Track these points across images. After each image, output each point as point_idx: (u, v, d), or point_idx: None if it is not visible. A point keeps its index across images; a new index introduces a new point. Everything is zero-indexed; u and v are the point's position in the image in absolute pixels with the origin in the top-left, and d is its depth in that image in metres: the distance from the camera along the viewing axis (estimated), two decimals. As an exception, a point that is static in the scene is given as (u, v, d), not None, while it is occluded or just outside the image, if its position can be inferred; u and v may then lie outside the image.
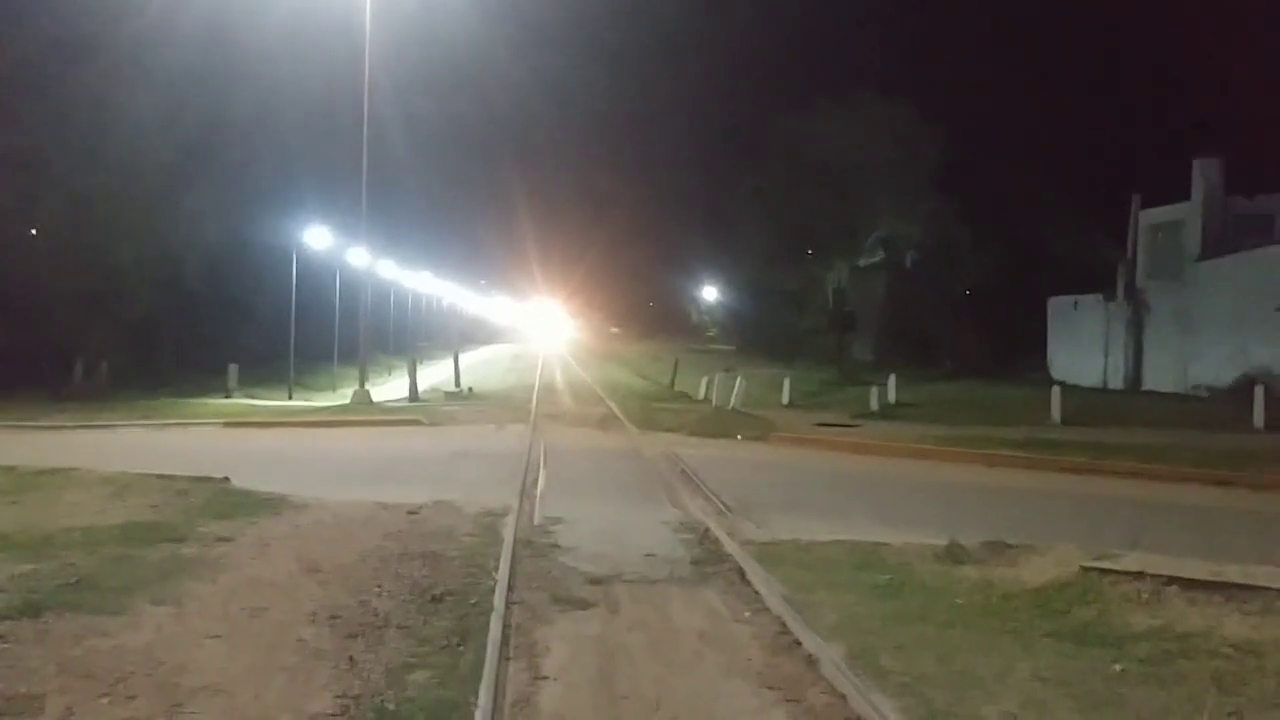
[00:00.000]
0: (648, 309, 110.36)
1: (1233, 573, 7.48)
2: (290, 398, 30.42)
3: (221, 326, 34.26)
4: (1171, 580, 7.32)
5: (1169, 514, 11.96)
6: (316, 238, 35.39)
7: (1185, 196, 33.72)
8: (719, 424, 20.81)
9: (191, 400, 25.89)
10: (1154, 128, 42.81)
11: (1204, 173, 33.02)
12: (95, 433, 19.33)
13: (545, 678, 5.75)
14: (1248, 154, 33.72)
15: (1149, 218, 35.60)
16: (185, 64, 25.97)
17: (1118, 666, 5.98)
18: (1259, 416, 20.38)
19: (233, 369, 29.61)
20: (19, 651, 5.91)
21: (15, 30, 24.90)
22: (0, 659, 5.77)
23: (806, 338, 47.97)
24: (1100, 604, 7.11)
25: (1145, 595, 7.19)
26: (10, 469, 12.43)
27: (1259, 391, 21.12)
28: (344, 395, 29.33)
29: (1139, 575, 7.48)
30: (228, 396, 27.95)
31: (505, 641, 6.24)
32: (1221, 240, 32.58)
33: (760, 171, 48.87)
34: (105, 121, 25.82)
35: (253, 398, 28.12)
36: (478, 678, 5.61)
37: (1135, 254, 36.08)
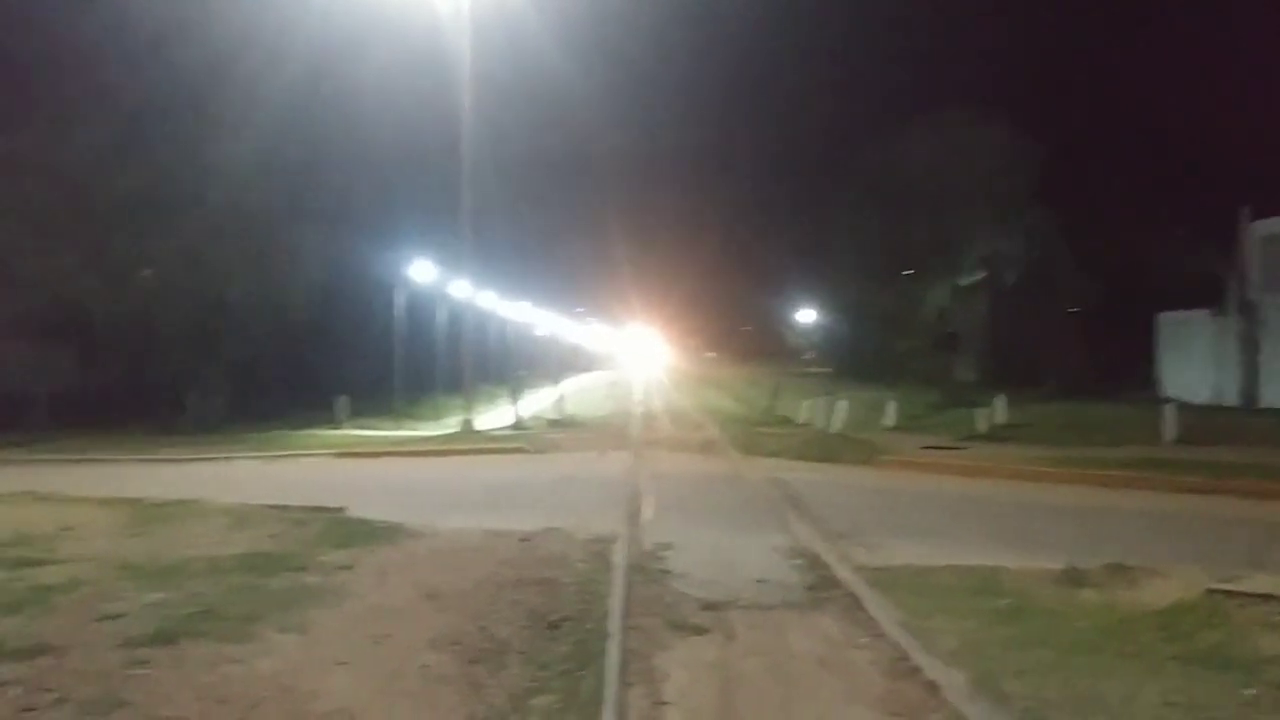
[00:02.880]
0: (742, 333, 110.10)
1: (1370, 594, 7.24)
2: (397, 428, 30.98)
3: (327, 359, 35.03)
4: (1303, 603, 7.12)
5: (1295, 535, 11.58)
6: (420, 271, 36.14)
7: (1298, 207, 32.67)
8: (822, 448, 20.60)
9: (301, 432, 26.47)
10: (1261, 135, 41.50)
11: (1318, 181, 31.96)
12: (210, 465, 19.87)
13: (666, 703, 5.80)
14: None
15: (1260, 229, 34.51)
16: (287, 107, 26.72)
17: (1250, 691, 5.82)
18: (1388, 432, 19.59)
19: (341, 400, 30.23)
20: (159, 677, 6.15)
21: (128, 83, 25.97)
22: (142, 684, 6.01)
23: (907, 359, 47.32)
24: (1228, 627, 6.92)
25: (1276, 618, 7.00)
26: (134, 501, 12.89)
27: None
28: (448, 424, 29.77)
29: (1268, 598, 7.29)
30: (336, 428, 28.51)
31: (624, 667, 6.29)
32: (1338, 250, 31.48)
33: (855, 193, 48.62)
34: (213, 166, 26.72)
35: (361, 428, 28.66)
36: (600, 702, 5.68)
37: (1246, 267, 35.01)
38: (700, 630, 7.25)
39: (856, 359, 56.67)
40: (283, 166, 28.12)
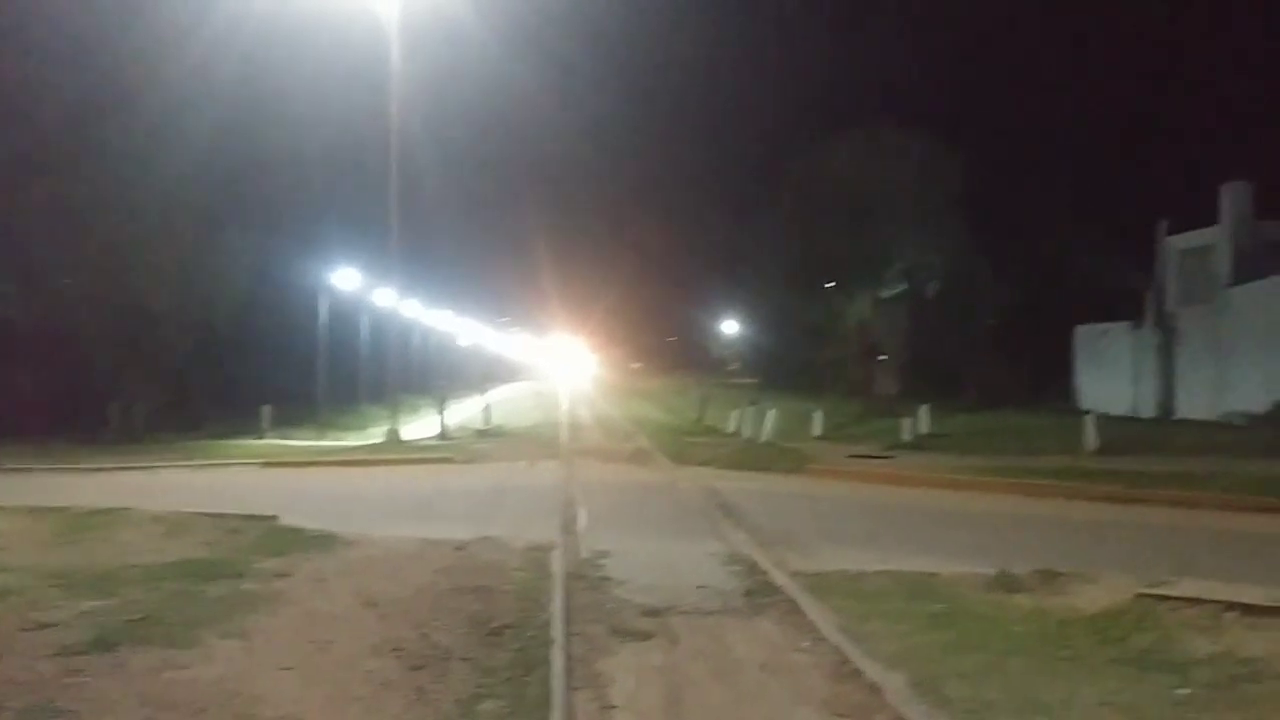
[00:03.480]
0: (668, 344, 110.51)
1: (1293, 598, 7.52)
2: (321, 438, 30.59)
3: (251, 368, 34.46)
4: (1230, 606, 7.37)
5: (1216, 541, 11.95)
6: (344, 279, 35.68)
7: (1213, 221, 33.70)
8: (752, 457, 20.80)
9: (226, 441, 26.07)
10: (1179, 152, 42.83)
11: (1232, 197, 32.99)
12: (136, 474, 19.45)
13: (614, 707, 5.84)
14: (1276, 178, 33.67)
15: (1177, 243, 35.54)
16: (219, 111, 26.32)
17: (1183, 692, 6.02)
18: (1303, 442, 20.20)
19: (265, 410, 29.79)
20: (99, 684, 6.06)
21: (57, 86, 25.39)
22: (82, 691, 5.92)
23: (830, 370, 47.95)
24: (1159, 630, 7.15)
25: (1204, 621, 7.23)
26: (62, 509, 12.60)
27: (1303, 416, 20.97)
28: (373, 435, 29.49)
29: (1196, 601, 7.52)
30: (261, 437, 28.10)
31: (570, 672, 6.31)
32: (1252, 265, 32.47)
33: (780, 204, 49.12)
34: (142, 171, 26.22)
35: (285, 438, 28.26)
36: (547, 707, 5.69)
37: (1163, 280, 36.01)
38: (644, 635, 7.30)
39: (781, 370, 57.20)
40: (210, 172, 27.65)
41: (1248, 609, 7.23)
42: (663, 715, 5.75)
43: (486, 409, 33.91)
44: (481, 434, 29.09)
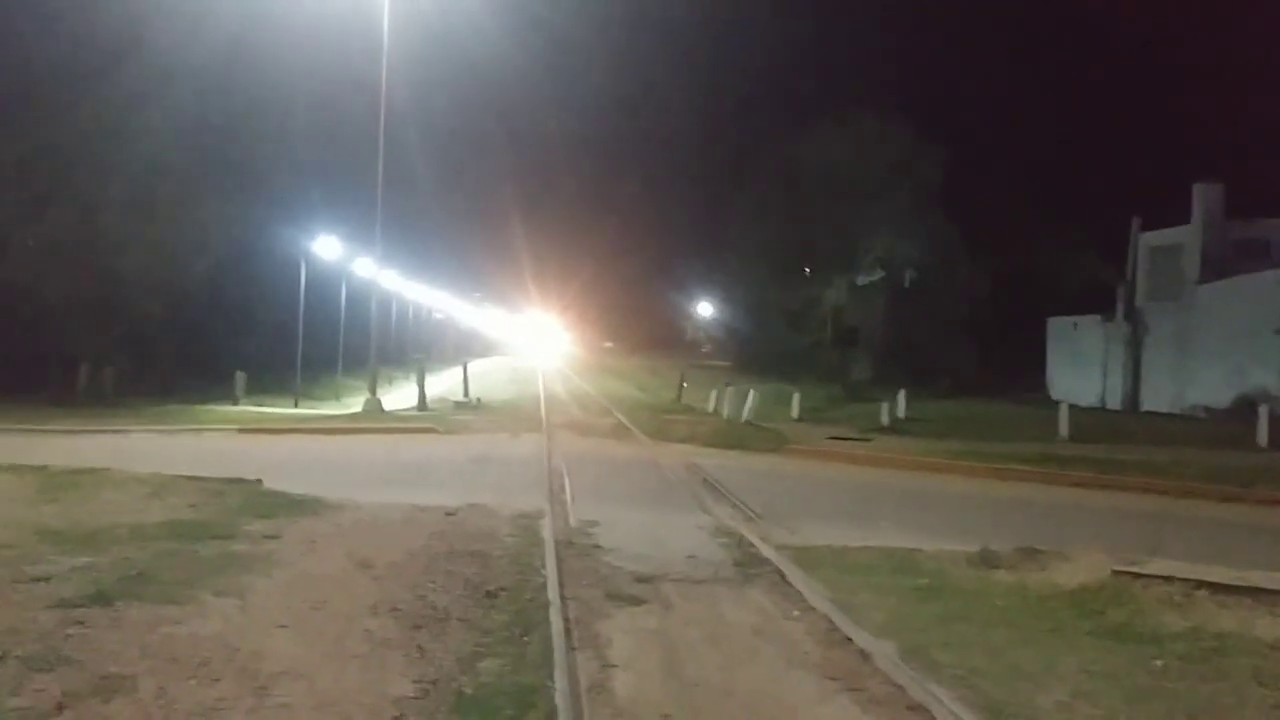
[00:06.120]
0: (641, 324, 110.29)
1: (1258, 578, 7.74)
2: (296, 406, 30.50)
3: (225, 334, 34.32)
4: (1200, 584, 7.58)
5: (1182, 526, 12.23)
6: (325, 247, 35.52)
7: (1185, 220, 34.10)
8: (733, 436, 20.98)
9: (198, 407, 25.91)
10: (1154, 150, 43.27)
11: (1204, 197, 33.43)
12: (107, 437, 19.30)
13: (614, 666, 5.95)
14: (1247, 179, 34.15)
15: (1149, 240, 35.97)
16: (208, 74, 26.21)
17: (1159, 663, 6.21)
18: (1263, 435, 20.65)
19: (240, 376, 29.66)
20: (99, 636, 6.09)
21: (42, 45, 25.09)
22: (84, 642, 5.95)
23: (805, 354, 48.16)
24: (1134, 605, 7.34)
25: (1176, 598, 7.44)
26: (41, 468, 12.53)
27: (1263, 411, 21.38)
28: (348, 404, 29.49)
29: (1169, 579, 7.72)
30: (234, 404, 27.99)
31: (568, 633, 6.42)
32: (1220, 264, 32.97)
33: (759, 189, 49.27)
34: (123, 133, 25.99)
35: (260, 405, 28.17)
36: (549, 665, 5.79)
37: (1135, 275, 36.43)
38: (637, 601, 7.43)
39: (754, 352, 57.34)
40: (193, 137, 27.47)
41: (1216, 587, 7.47)
42: (662, 674, 5.87)
43: (465, 381, 33.93)
44: (460, 406, 29.12)
